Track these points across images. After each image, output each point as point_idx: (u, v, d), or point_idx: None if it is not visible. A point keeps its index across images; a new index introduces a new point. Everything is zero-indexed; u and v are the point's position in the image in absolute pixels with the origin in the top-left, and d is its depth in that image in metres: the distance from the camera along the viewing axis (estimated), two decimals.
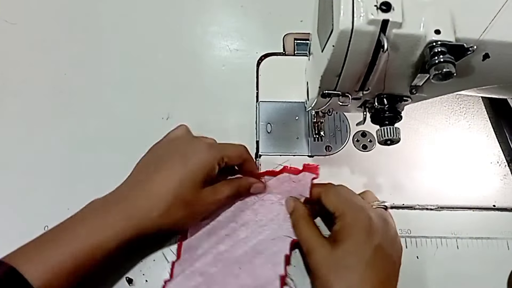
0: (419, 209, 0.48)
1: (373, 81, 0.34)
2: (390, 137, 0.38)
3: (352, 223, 0.38)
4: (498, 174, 0.51)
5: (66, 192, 0.48)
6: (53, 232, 0.38)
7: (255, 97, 0.55)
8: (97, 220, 0.38)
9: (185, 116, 0.53)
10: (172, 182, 0.39)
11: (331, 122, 0.53)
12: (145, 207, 0.39)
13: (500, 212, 0.48)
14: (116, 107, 0.54)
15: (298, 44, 0.59)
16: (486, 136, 0.53)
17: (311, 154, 0.51)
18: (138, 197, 0.39)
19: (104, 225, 0.37)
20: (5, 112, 0.53)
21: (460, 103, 0.55)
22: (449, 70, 0.30)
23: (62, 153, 0.50)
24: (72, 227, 0.38)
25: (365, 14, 0.30)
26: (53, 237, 0.37)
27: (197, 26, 0.61)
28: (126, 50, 0.58)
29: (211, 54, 0.59)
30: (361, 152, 0.52)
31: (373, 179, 0.50)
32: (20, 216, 0.46)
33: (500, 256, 0.46)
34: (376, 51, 0.31)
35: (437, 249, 0.46)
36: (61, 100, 0.54)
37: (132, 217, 0.38)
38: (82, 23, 0.60)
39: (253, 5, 0.62)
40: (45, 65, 0.56)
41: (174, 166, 0.40)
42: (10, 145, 0.51)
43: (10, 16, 0.59)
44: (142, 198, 0.39)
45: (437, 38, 0.30)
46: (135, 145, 0.51)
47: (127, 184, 0.42)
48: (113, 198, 0.40)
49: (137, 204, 0.39)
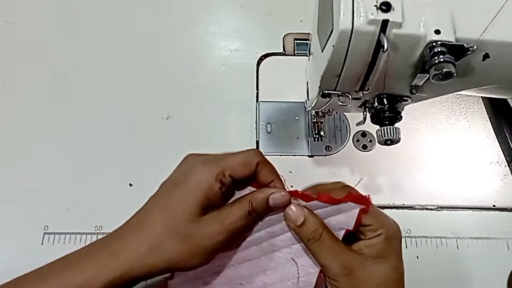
0: (419, 209, 0.48)
1: (373, 81, 0.34)
2: (390, 137, 0.38)
3: (394, 237, 0.34)
4: (498, 174, 0.51)
5: (66, 192, 0.48)
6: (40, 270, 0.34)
7: (255, 97, 0.55)
8: (81, 259, 0.33)
9: (185, 116, 0.53)
10: (162, 211, 0.33)
11: (331, 122, 0.53)
12: (134, 242, 0.33)
13: (500, 212, 0.48)
14: (116, 107, 0.54)
15: (298, 44, 0.59)
16: (486, 136, 0.53)
17: (311, 154, 0.51)
18: (128, 233, 0.34)
19: (88, 263, 0.33)
20: (5, 112, 0.53)
21: (460, 103, 0.55)
22: (449, 70, 0.30)
23: (62, 153, 0.50)
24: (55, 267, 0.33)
25: (365, 14, 0.30)
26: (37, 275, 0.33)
27: (197, 26, 0.61)
28: (126, 50, 0.58)
29: (211, 54, 0.59)
30: (361, 152, 0.52)
31: (373, 179, 0.50)
32: (20, 216, 0.46)
33: (500, 256, 0.46)
34: (376, 51, 0.31)
35: (437, 249, 0.46)
36: (61, 100, 0.54)
37: (118, 253, 0.33)
38: (82, 23, 0.60)
39: (253, 5, 0.62)
40: (45, 65, 0.56)
41: (165, 193, 0.34)
42: (10, 145, 0.51)
43: (10, 16, 0.59)
44: (132, 234, 0.34)
45: (437, 38, 0.30)
46: (135, 145, 0.51)
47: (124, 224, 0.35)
48: (109, 237, 0.35)
49: (126, 239, 0.33)
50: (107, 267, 0.32)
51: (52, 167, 0.49)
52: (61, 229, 0.45)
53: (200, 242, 0.32)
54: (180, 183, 0.34)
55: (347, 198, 0.33)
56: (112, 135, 0.52)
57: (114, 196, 0.48)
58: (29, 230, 0.45)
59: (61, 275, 0.32)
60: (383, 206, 0.48)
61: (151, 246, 0.32)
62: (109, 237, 0.34)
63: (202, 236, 0.32)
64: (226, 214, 0.33)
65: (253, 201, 0.33)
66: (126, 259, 0.32)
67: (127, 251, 0.32)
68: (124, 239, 0.33)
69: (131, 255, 0.32)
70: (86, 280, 0.32)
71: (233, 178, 0.34)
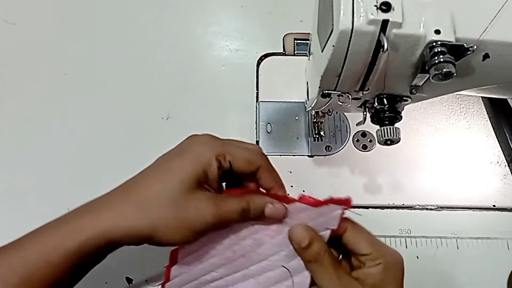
0: (419, 209, 0.48)
1: (373, 81, 0.34)
2: (390, 137, 0.38)
3: (394, 267, 0.33)
4: (498, 174, 0.51)
5: (66, 192, 0.48)
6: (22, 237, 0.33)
7: (255, 97, 0.55)
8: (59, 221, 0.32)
9: (185, 116, 0.53)
10: (158, 176, 0.32)
11: (331, 122, 0.53)
12: (120, 202, 0.31)
13: (500, 212, 0.48)
14: (116, 107, 0.54)
15: (298, 44, 0.59)
16: (486, 136, 0.53)
17: (311, 154, 0.51)
18: (115, 195, 0.33)
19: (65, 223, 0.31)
20: (5, 112, 0.53)
21: (460, 103, 0.55)
22: (449, 70, 0.30)
23: (62, 153, 0.50)
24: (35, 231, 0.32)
25: (365, 14, 0.30)
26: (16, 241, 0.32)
27: (197, 26, 0.61)
28: (126, 50, 0.58)
29: (211, 54, 0.59)
30: (361, 152, 0.52)
31: (373, 179, 0.50)
32: (20, 216, 0.46)
33: (500, 256, 0.46)
34: (376, 51, 0.31)
35: (437, 249, 0.46)
36: (61, 100, 0.54)
37: (99, 212, 0.31)
38: (82, 23, 0.60)
39: (253, 5, 0.62)
40: (45, 65, 0.56)
41: (164, 162, 0.33)
42: (10, 145, 0.51)
43: (10, 16, 0.59)
44: (119, 195, 0.32)
45: (437, 38, 0.30)
46: (135, 145, 0.51)
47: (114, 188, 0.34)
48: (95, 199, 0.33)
49: (111, 200, 0.32)
50: (85, 226, 0.30)
51: (52, 167, 0.49)
52: None
53: (190, 216, 0.31)
54: (181, 153, 0.33)
55: (329, 201, 0.33)
56: (112, 135, 0.52)
57: None
58: (29, 230, 0.45)
59: (37, 237, 0.31)
60: (383, 206, 0.48)
61: (138, 207, 0.31)
62: (96, 200, 0.33)
63: (194, 211, 0.31)
64: (223, 202, 0.32)
65: (251, 202, 0.33)
66: (106, 218, 0.30)
67: (111, 211, 0.31)
68: (110, 200, 0.32)
69: (113, 215, 0.31)
70: (59, 240, 0.30)
71: (231, 166, 0.33)
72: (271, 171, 0.35)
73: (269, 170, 0.35)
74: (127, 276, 0.43)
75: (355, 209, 0.47)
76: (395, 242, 0.46)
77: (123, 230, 0.30)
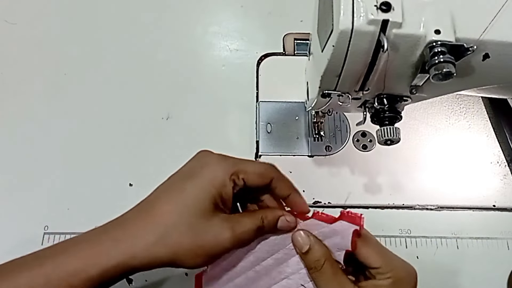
0: (419, 209, 0.48)
1: (373, 81, 0.34)
2: (390, 137, 0.38)
3: (405, 281, 0.33)
4: (498, 174, 0.51)
5: (66, 192, 0.48)
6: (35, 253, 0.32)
7: (255, 97, 0.55)
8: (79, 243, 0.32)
9: (185, 116, 0.53)
10: (174, 202, 0.32)
11: (331, 122, 0.53)
12: (140, 230, 0.31)
13: (500, 212, 0.48)
14: (116, 107, 0.54)
15: (298, 44, 0.59)
16: (486, 136, 0.53)
17: (311, 154, 0.51)
18: (134, 221, 0.32)
19: (86, 248, 0.31)
20: (5, 112, 0.53)
21: (460, 103, 0.55)
22: (449, 70, 0.30)
23: (62, 153, 0.50)
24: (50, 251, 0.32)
25: (365, 14, 0.30)
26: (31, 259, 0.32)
27: (197, 26, 0.61)
28: (126, 50, 0.58)
29: (211, 54, 0.59)
30: (361, 152, 0.52)
31: (373, 179, 0.50)
32: (20, 216, 0.46)
33: (500, 256, 0.46)
34: (376, 51, 0.31)
35: (437, 249, 0.46)
36: (61, 100, 0.54)
37: (121, 239, 0.31)
38: (82, 23, 0.60)
39: (253, 5, 0.62)
40: (45, 65, 0.56)
41: (177, 185, 0.33)
42: (10, 145, 0.51)
43: (10, 16, 0.59)
44: (138, 222, 0.32)
45: (437, 38, 0.30)
46: (135, 145, 0.51)
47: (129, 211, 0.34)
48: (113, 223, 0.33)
49: (131, 227, 0.32)
50: (107, 254, 0.30)
51: (52, 167, 0.49)
52: (61, 229, 0.45)
53: (208, 243, 0.31)
54: (194, 176, 0.33)
55: (342, 216, 0.34)
56: (112, 135, 0.52)
57: (114, 196, 0.48)
58: (29, 230, 0.45)
59: (56, 260, 0.31)
60: (383, 206, 0.48)
61: (158, 236, 0.31)
62: (113, 223, 0.33)
63: (212, 237, 0.31)
64: (238, 223, 0.33)
65: (264, 219, 0.34)
66: (129, 247, 0.31)
67: (131, 238, 0.31)
68: (129, 226, 0.32)
69: (135, 243, 0.31)
70: (81, 266, 0.30)
71: (245, 183, 0.33)
72: (285, 180, 0.36)
73: (283, 180, 0.35)
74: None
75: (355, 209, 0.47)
76: (395, 242, 0.46)
77: (145, 259, 0.31)
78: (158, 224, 0.31)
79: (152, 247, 0.31)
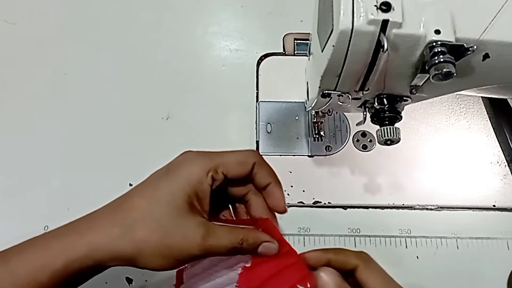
0: (419, 209, 0.48)
1: (373, 81, 0.34)
2: (390, 137, 0.38)
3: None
4: (498, 174, 0.51)
5: (66, 192, 0.48)
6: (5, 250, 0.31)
7: (255, 97, 0.55)
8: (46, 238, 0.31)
9: (185, 116, 0.53)
10: (146, 198, 0.31)
11: (331, 122, 0.53)
12: (106, 223, 0.30)
13: (500, 212, 0.48)
14: (116, 107, 0.54)
15: (298, 44, 0.59)
16: (486, 136, 0.53)
17: (311, 154, 0.51)
18: (102, 215, 0.31)
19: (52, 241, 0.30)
20: (5, 112, 0.53)
21: (460, 103, 0.55)
22: (449, 70, 0.30)
23: (62, 153, 0.50)
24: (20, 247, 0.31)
25: (365, 14, 0.30)
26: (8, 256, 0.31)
27: (197, 26, 0.61)
28: (126, 50, 0.58)
29: (211, 54, 0.59)
30: (361, 152, 0.52)
31: (373, 179, 0.50)
32: (20, 216, 0.46)
33: (500, 256, 0.46)
34: (376, 51, 0.31)
35: (437, 249, 0.46)
36: (61, 100, 0.54)
37: (85, 232, 0.30)
38: (82, 23, 0.60)
39: (253, 5, 0.62)
40: (45, 65, 0.56)
41: (153, 182, 0.32)
42: (10, 145, 0.51)
43: (10, 16, 0.59)
44: (105, 215, 0.31)
45: (437, 38, 0.30)
46: (135, 145, 0.51)
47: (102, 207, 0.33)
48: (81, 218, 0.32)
49: (98, 220, 0.31)
50: (72, 246, 0.29)
51: (52, 167, 0.49)
52: None
53: (176, 245, 0.30)
54: (169, 173, 0.32)
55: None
56: (112, 135, 0.52)
57: (114, 196, 0.47)
58: (29, 230, 0.45)
59: (24, 254, 0.30)
60: (383, 206, 0.48)
61: (124, 229, 0.29)
62: (83, 217, 0.32)
63: (181, 239, 0.30)
64: (213, 234, 0.30)
65: (245, 241, 0.31)
66: (92, 239, 0.29)
67: (96, 231, 0.30)
68: (98, 220, 0.31)
69: (99, 236, 0.30)
70: (47, 259, 0.29)
71: (226, 176, 0.32)
72: (266, 167, 0.34)
73: (263, 166, 0.34)
74: (127, 276, 0.43)
75: (355, 209, 0.47)
76: (395, 242, 0.46)
77: (108, 252, 0.29)
78: (126, 218, 0.30)
79: (116, 241, 0.29)
